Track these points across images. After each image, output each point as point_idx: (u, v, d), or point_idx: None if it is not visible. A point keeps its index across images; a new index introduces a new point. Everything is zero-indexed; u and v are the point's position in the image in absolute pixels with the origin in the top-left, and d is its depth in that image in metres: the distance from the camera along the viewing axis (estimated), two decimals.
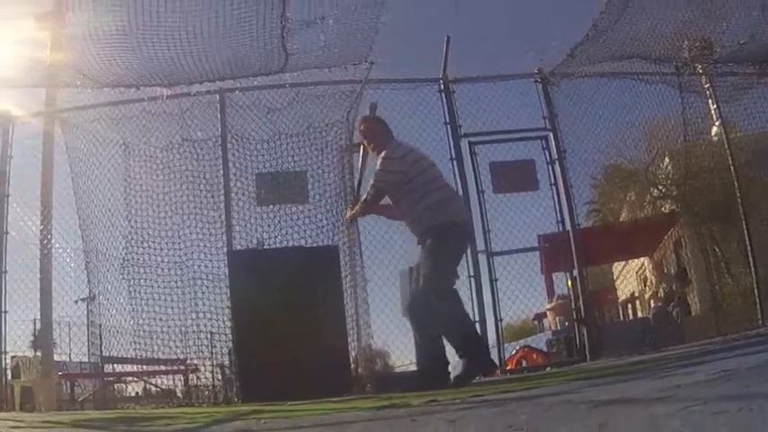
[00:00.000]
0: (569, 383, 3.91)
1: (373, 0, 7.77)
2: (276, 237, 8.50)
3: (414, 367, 6.84)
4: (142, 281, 8.32)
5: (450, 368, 5.65)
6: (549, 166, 9.15)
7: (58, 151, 8.49)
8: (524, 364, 12.46)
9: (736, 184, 9.26)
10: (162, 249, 8.46)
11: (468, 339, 5.49)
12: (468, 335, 5.53)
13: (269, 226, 8.56)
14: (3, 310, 8.22)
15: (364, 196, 5.89)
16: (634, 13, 8.41)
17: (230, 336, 7.78)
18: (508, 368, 9.46)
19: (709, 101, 9.64)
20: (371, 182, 5.75)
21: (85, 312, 8.86)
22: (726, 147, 9.40)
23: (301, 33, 8.04)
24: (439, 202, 5.55)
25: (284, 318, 6.28)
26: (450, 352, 5.63)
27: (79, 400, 9.77)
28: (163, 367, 9.21)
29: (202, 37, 7.92)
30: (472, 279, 8.32)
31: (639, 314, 20.00)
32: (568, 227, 8.96)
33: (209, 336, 8.24)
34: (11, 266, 8.40)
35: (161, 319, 8.21)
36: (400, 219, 6.01)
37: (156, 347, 8.20)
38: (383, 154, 5.67)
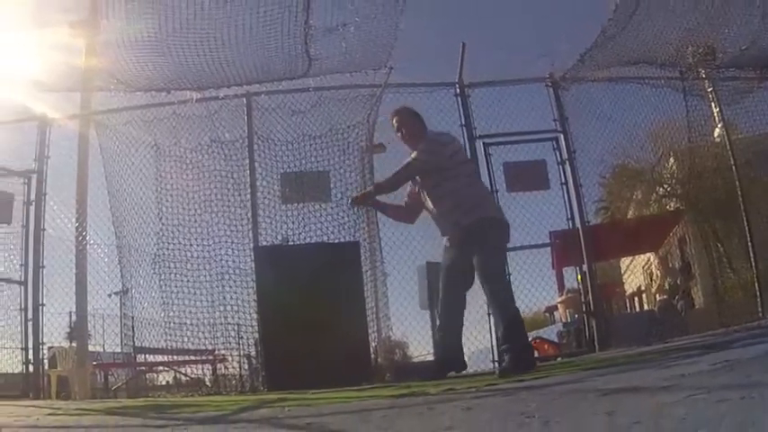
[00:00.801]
0: (579, 373, 4.01)
1: (392, 8, 7.99)
2: (300, 233, 8.68)
3: (431, 357, 7.06)
4: (173, 275, 8.55)
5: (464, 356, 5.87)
6: (560, 166, 9.35)
7: (93, 152, 8.59)
8: (536, 354, 12.36)
9: (737, 183, 9.41)
10: (191, 245, 8.68)
11: (519, 335, 5.26)
12: (520, 331, 5.31)
13: (293, 223, 8.76)
14: (40, 303, 8.43)
15: (384, 180, 5.76)
16: (640, 21, 8.56)
17: (256, 327, 7.95)
18: None
19: (712, 104, 9.81)
20: (408, 160, 5.41)
21: (119, 305, 9.29)
22: (728, 148, 9.57)
23: (324, 40, 8.31)
24: (473, 197, 5.36)
25: (308, 310, 6.42)
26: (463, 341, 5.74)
27: (112, 388, 10.07)
28: (192, 357, 9.38)
29: (230, 43, 8.20)
30: None
31: (646, 307, 20.04)
32: (578, 224, 9.16)
33: (236, 327, 8.42)
34: (48, 262, 8.63)
35: (191, 312, 8.43)
36: (407, 221, 5.97)
37: (185, 338, 8.44)
38: (427, 138, 5.47)
